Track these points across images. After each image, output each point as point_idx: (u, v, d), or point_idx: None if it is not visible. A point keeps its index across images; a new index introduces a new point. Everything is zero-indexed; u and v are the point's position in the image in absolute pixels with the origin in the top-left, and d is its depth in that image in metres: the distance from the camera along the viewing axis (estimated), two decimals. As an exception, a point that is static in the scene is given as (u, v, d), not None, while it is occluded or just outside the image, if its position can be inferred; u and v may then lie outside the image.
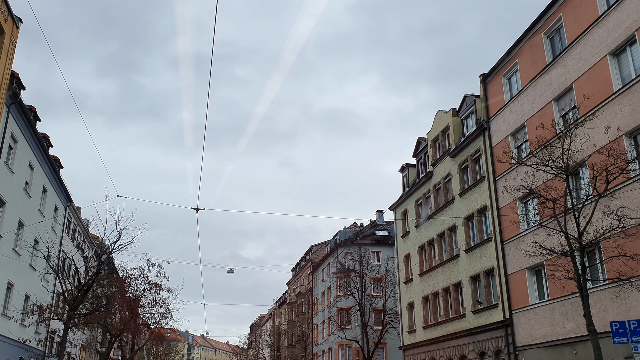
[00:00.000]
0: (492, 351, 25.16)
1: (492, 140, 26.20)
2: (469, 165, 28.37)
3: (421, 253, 33.63)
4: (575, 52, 20.76)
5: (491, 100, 26.69)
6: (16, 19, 24.40)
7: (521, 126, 23.89)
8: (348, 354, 49.89)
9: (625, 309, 17.50)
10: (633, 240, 16.71)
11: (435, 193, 32.07)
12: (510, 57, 25.18)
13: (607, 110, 18.90)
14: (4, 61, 23.19)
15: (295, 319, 67.92)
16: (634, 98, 17.80)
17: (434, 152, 32.72)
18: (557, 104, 21.78)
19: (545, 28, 22.71)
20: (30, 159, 27.95)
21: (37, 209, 29.80)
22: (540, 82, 22.76)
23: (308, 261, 66.99)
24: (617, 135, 18.17)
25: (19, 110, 25.28)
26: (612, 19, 18.98)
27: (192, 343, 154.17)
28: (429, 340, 31.55)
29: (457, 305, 28.89)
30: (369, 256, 48.82)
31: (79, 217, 41.22)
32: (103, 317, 27.12)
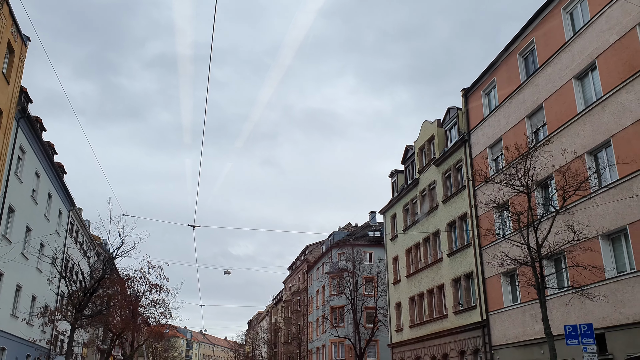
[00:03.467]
0: (471, 350, 26.88)
1: (472, 152, 27.87)
2: (451, 174, 30.03)
3: (408, 256, 35.32)
4: (545, 73, 22.40)
5: (472, 114, 28.35)
6: (24, 38, 26.00)
7: (498, 140, 25.57)
8: (341, 351, 51.62)
9: (584, 312, 19.20)
10: (585, 253, 18.41)
11: (422, 199, 33.73)
12: (489, 74, 26.83)
13: (571, 129, 20.57)
14: (13, 79, 24.79)
15: (291, 317, 69.66)
16: (594, 119, 19.46)
17: (420, 160, 34.37)
18: (530, 120, 23.45)
19: (520, 49, 24.35)
20: (37, 167, 29.56)
21: (42, 215, 31.43)
22: (515, 100, 24.41)
23: (303, 260, 68.71)
24: (579, 154, 19.87)
25: (27, 123, 26.87)
26: (577, 45, 20.62)
27: (190, 339, 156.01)
28: (414, 338, 33.27)
29: (440, 306, 30.59)
30: (362, 257, 50.56)
31: (80, 219, 42.84)
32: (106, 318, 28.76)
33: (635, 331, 17.07)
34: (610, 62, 18.79)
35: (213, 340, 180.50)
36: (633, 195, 17.33)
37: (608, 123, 18.74)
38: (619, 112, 18.28)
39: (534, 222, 17.20)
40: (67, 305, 28.01)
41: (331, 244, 56.83)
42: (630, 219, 17.49)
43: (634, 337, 17.10)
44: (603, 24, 19.28)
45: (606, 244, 18.72)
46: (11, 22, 23.82)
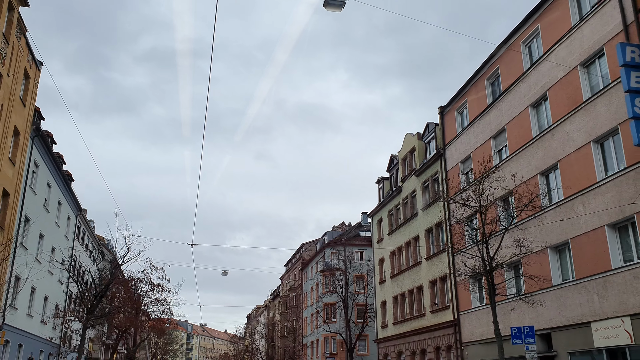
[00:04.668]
0: (444, 346, 29.58)
1: (446, 165, 30.46)
2: (429, 184, 32.64)
3: (392, 258, 37.98)
4: (507, 99, 24.97)
5: (447, 130, 30.92)
6: (38, 63, 28.54)
7: (468, 156, 28.16)
8: (333, 345, 54.38)
9: (536, 315, 21.85)
10: (536, 263, 21.08)
11: (404, 206, 36.36)
12: (462, 95, 29.38)
13: (528, 151, 23.16)
14: (29, 101, 27.35)
15: (287, 312, 72.50)
16: (545, 145, 22.04)
17: (403, 170, 36.97)
18: (495, 141, 26.03)
19: (487, 75, 26.91)
20: (48, 179, 32.16)
21: (53, 221, 34.06)
22: (483, 121, 26.98)
23: (299, 258, 71.44)
24: (533, 175, 22.51)
25: (40, 140, 29.45)
26: (533, 77, 23.18)
27: (191, 332, 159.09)
28: (397, 335, 35.99)
29: (419, 306, 33.28)
30: (353, 256, 53.21)
31: (86, 221, 45.47)
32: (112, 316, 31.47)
33: (575, 331, 19.73)
34: (558, 95, 21.36)
35: (213, 333, 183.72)
36: (574, 216, 19.93)
37: (556, 149, 21.33)
38: (564, 140, 20.87)
39: (485, 238, 19.83)
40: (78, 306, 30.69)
41: (324, 244, 59.51)
42: (572, 234, 20.10)
43: (574, 337, 19.78)
44: (553, 60, 21.83)
45: (554, 255, 21.37)
46: (27, 52, 26.36)
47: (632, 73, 16.77)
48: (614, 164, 18.61)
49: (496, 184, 22.06)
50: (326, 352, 54.65)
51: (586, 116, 19.76)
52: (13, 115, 24.59)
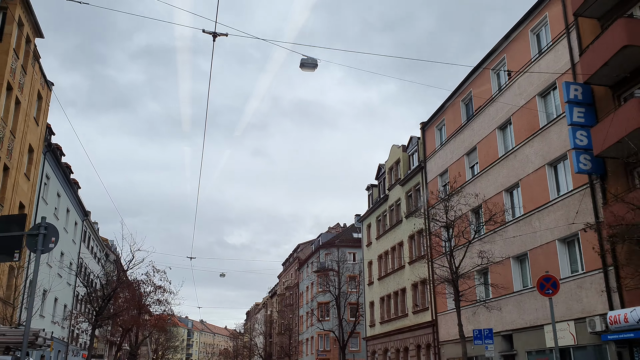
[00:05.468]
0: (424, 344, 32.08)
1: (427, 177, 32.89)
2: (412, 194, 35.07)
3: (380, 261, 40.45)
4: (479, 120, 27.37)
5: (427, 144, 33.34)
6: (49, 84, 30.93)
7: (445, 170, 30.59)
8: (326, 342, 56.94)
9: (500, 317, 24.32)
10: (501, 271, 23.57)
11: (390, 213, 38.81)
12: (440, 113, 31.78)
13: (495, 170, 25.58)
14: (42, 120, 29.77)
15: (284, 310, 75.08)
16: (509, 164, 24.46)
17: (389, 179, 39.41)
18: (468, 158, 28.45)
19: (462, 96, 29.31)
20: (58, 189, 34.61)
21: (62, 228, 36.49)
22: (458, 138, 29.40)
23: (295, 258, 73.96)
24: (498, 191, 24.95)
25: (51, 154, 31.88)
26: (500, 102, 25.57)
27: (191, 329, 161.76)
28: (384, 333, 38.50)
29: (403, 306, 35.76)
30: (346, 257, 55.75)
31: (91, 225, 47.96)
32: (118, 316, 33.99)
33: (531, 333, 22.19)
34: (520, 120, 23.77)
35: (213, 329, 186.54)
36: (532, 231, 22.37)
37: (518, 169, 23.76)
38: (524, 161, 23.30)
39: (452, 251, 22.32)
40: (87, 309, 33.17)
41: (319, 245, 62.01)
42: (530, 246, 22.54)
43: (531, 338, 22.26)
44: (516, 89, 24.24)
45: (515, 265, 23.82)
46: (40, 75, 28.75)
47: (574, 109, 19.19)
48: (564, 186, 21.05)
49: (464, 200, 24.52)
50: (320, 349, 57.21)
51: (542, 141, 22.18)
52: (28, 134, 27.01)
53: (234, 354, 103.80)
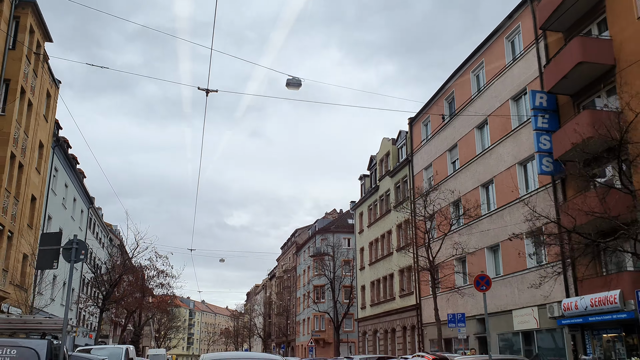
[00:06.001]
0: (409, 326, 34.33)
1: (413, 170, 34.84)
2: (400, 185, 37.06)
3: (371, 247, 42.60)
4: (460, 118, 29.24)
5: (414, 139, 35.24)
6: (57, 82, 32.73)
7: (430, 164, 32.53)
8: (322, 323, 59.42)
9: (475, 302, 26.43)
10: (478, 260, 25.65)
11: (380, 203, 40.85)
12: (426, 110, 33.61)
13: (472, 166, 27.52)
14: (50, 117, 31.63)
15: (282, 292, 77.59)
16: (485, 162, 26.40)
17: (380, 170, 41.37)
18: (450, 154, 30.38)
19: (446, 95, 31.13)
20: (65, 180, 36.61)
21: (70, 216, 38.61)
22: (442, 135, 31.28)
23: (293, 242, 76.25)
24: (475, 186, 26.93)
25: (59, 148, 33.81)
26: (478, 102, 27.42)
27: (193, 309, 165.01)
28: (373, 315, 40.79)
29: (391, 290, 37.97)
30: (341, 242, 57.93)
31: (96, 212, 50.06)
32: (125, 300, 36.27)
33: (502, 317, 24.34)
34: (495, 122, 25.65)
35: (214, 309, 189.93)
36: (503, 224, 24.38)
37: (492, 166, 25.70)
38: (498, 159, 25.23)
39: (429, 242, 24.40)
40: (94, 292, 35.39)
41: (315, 230, 64.19)
42: (502, 238, 24.54)
43: (501, 321, 24.40)
44: (492, 91, 26.09)
45: (489, 255, 25.89)
46: (49, 74, 30.55)
47: (539, 115, 21.06)
48: (532, 184, 23.01)
49: (443, 195, 26.52)
50: (315, 329, 59.70)
51: (513, 142, 24.10)
52: (38, 132, 28.92)
53: (234, 334, 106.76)
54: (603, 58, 18.57)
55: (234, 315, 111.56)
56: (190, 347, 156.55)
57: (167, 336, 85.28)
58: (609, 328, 18.32)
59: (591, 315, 18.13)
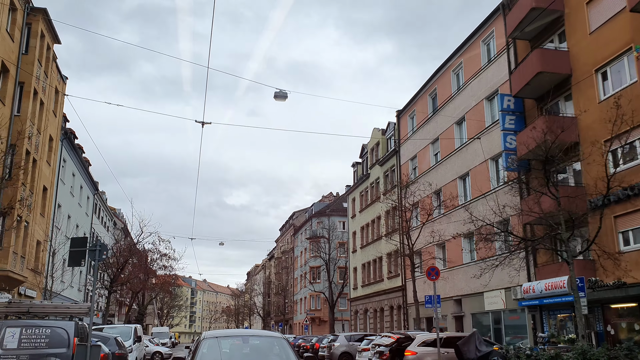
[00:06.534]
0: (396, 306, 36.82)
1: (400, 160, 37.01)
2: (389, 174, 39.26)
3: (362, 232, 44.97)
4: (441, 114, 31.31)
5: (401, 131, 37.34)
6: (64, 78, 34.73)
7: (415, 156, 34.69)
8: (317, 302, 62.09)
9: (453, 285, 28.83)
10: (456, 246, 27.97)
11: (371, 189, 43.10)
12: (412, 103, 35.66)
13: (452, 159, 29.68)
14: (59, 111, 33.71)
15: (281, 272, 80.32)
16: (463, 156, 28.55)
17: (371, 158, 43.54)
18: (432, 146, 32.51)
19: (430, 91, 33.16)
20: (73, 170, 38.82)
21: (77, 203, 40.90)
22: (425, 128, 33.38)
23: (291, 225, 78.74)
24: (454, 178, 29.14)
25: (67, 140, 35.96)
26: (458, 100, 29.47)
27: (195, 288, 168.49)
28: (364, 295, 43.31)
29: (380, 272, 40.42)
30: (336, 225, 60.29)
31: (101, 198, 52.39)
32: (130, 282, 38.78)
33: (475, 298, 26.74)
34: (472, 119, 27.74)
35: (216, 288, 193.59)
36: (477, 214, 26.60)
37: (469, 160, 27.86)
38: (473, 154, 27.38)
39: (408, 230, 26.70)
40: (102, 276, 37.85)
41: (312, 214, 66.57)
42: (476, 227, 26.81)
43: (474, 302, 26.81)
44: (469, 90, 28.14)
45: (465, 242, 28.17)
46: (57, 72, 32.55)
47: (506, 117, 23.18)
48: (502, 178, 25.18)
49: (423, 187, 28.75)
50: (312, 308, 62.43)
51: (487, 139, 26.22)
52: (49, 127, 31.04)
53: (235, 312, 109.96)
54: (560, 68, 20.63)
55: (235, 294, 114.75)
56: (193, 325, 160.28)
57: (170, 314, 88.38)
58: (561, 309, 20.67)
59: (546, 298, 20.45)
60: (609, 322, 18.69)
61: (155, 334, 47.85)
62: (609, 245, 18.52)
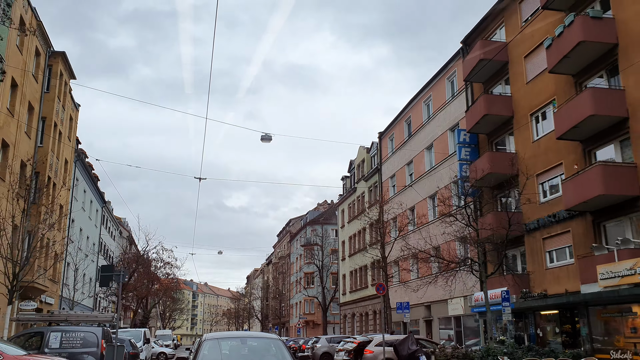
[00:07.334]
0: (379, 311, 40.53)
1: (382, 177, 40.77)
2: (372, 189, 43.01)
3: (350, 241, 48.71)
4: (415, 139, 35.05)
5: (383, 151, 41.11)
6: (77, 105, 38.53)
7: (393, 174, 38.44)
8: (311, 306, 65.83)
9: (424, 293, 32.50)
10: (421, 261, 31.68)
11: (357, 202, 46.85)
12: (391, 127, 39.41)
13: (423, 180, 33.41)
14: (73, 136, 37.50)
15: (278, 277, 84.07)
16: (432, 178, 32.28)
17: (357, 174, 47.30)
18: (408, 167, 36.27)
19: (405, 118, 36.92)
20: (84, 187, 42.62)
21: (87, 217, 44.70)
22: (402, 151, 37.14)
23: (287, 231, 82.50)
24: (424, 197, 32.88)
25: (80, 161, 39.75)
26: (428, 128, 33.21)
27: (196, 291, 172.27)
28: (352, 300, 47.03)
29: (365, 280, 44.13)
30: (329, 233, 64.04)
31: (108, 210, 56.20)
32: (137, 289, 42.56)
33: (441, 304, 30.46)
34: (438, 146, 31.49)
35: (217, 291, 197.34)
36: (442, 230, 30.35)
37: (436, 182, 31.57)
38: (440, 177, 31.10)
39: (383, 243, 30.42)
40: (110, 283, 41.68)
41: (307, 222, 70.32)
42: (442, 240, 30.56)
43: (440, 308, 30.53)
44: (437, 121, 31.89)
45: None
46: (71, 102, 36.34)
47: (462, 149, 26.92)
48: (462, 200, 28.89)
49: (396, 205, 32.50)
50: (306, 312, 66.15)
51: (449, 165, 29.95)
52: (64, 152, 34.85)
53: (235, 315, 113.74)
54: (503, 111, 24.39)
55: (235, 297, 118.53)
56: (194, 328, 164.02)
57: (172, 317, 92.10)
58: (505, 315, 24.35)
59: (491, 306, 24.13)
60: (538, 326, 22.41)
61: (159, 336, 51.54)
62: (539, 263, 22.29)
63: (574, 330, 20.28)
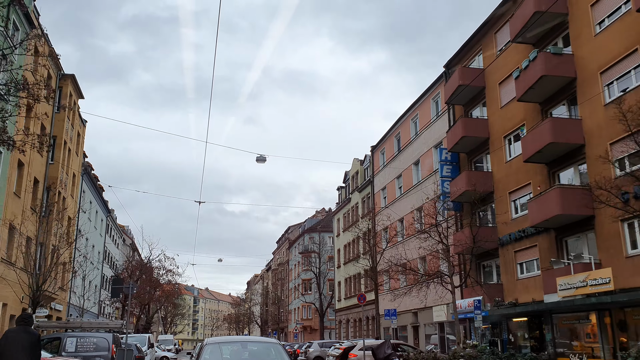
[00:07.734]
0: (371, 317, 42.47)
1: (374, 190, 42.78)
2: (365, 200, 45.02)
3: (345, 249, 50.69)
4: (404, 154, 37.08)
5: (375, 164, 43.14)
6: (84, 121, 40.62)
7: (384, 187, 40.45)
8: (309, 312, 67.75)
9: (412, 300, 34.45)
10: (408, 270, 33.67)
11: (352, 212, 48.85)
12: (382, 142, 41.45)
13: (410, 194, 35.40)
14: (80, 150, 39.57)
15: (277, 283, 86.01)
16: (419, 191, 34.26)
17: (352, 185, 49.32)
18: (397, 180, 38.28)
19: (395, 133, 38.95)
20: (90, 198, 44.67)
21: (93, 227, 46.72)
22: (392, 165, 39.16)
23: (286, 238, 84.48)
24: (411, 210, 34.87)
25: (87, 174, 41.81)
26: (415, 144, 35.23)
27: (197, 296, 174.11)
28: (346, 307, 48.96)
29: (358, 287, 46.07)
30: (326, 241, 66.00)
31: (113, 219, 58.24)
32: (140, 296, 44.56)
33: (427, 311, 32.39)
34: (424, 162, 33.50)
35: (218, 296, 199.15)
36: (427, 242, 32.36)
37: (421, 196, 33.56)
38: (426, 190, 33.08)
39: (374, 255, 32.40)
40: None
41: (304, 229, 72.32)
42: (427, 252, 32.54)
43: (426, 315, 32.48)
44: (423, 138, 33.91)
45: (421, 264, 33.85)
46: (79, 119, 38.43)
47: (444, 166, 28.94)
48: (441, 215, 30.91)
49: (386, 217, 34.49)
50: (304, 317, 68.08)
51: (434, 180, 31.96)
52: (72, 166, 36.91)
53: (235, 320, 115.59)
54: (480, 132, 26.42)
55: (236, 303, 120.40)
56: (195, 332, 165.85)
57: (174, 322, 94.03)
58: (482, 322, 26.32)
59: (469, 313, 26.11)
60: (510, 332, 24.38)
61: (161, 341, 53.47)
62: (512, 273, 24.28)
63: (541, 336, 22.24)
